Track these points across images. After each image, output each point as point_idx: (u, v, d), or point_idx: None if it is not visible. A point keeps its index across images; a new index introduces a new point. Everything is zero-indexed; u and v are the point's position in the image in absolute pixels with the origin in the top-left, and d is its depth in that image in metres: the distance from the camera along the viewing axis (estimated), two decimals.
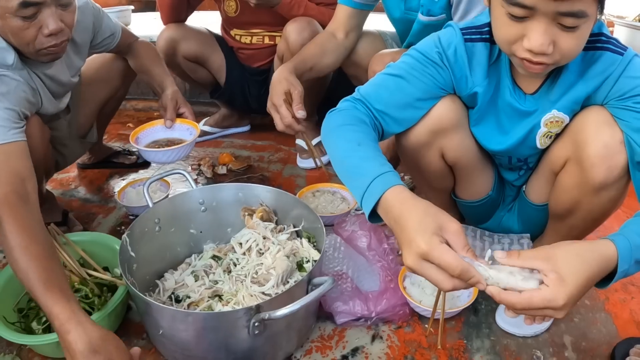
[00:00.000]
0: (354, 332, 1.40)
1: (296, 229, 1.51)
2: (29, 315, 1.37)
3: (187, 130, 1.86)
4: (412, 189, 1.98)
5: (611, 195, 1.22)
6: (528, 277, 0.90)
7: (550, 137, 1.29)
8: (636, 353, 1.26)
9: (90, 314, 1.30)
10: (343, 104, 1.26)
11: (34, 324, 1.34)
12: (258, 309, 1.12)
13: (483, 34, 1.22)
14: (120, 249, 1.32)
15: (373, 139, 1.16)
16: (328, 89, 2.34)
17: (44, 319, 1.33)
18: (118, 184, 2.21)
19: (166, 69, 1.98)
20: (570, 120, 1.24)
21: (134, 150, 2.36)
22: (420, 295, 1.45)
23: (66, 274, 1.32)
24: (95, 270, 1.43)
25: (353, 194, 1.09)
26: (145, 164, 2.36)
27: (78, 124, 1.93)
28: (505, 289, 0.90)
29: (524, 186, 1.48)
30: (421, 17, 1.79)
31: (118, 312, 1.36)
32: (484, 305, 1.48)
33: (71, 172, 2.32)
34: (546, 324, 1.41)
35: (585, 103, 1.20)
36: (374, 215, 1.04)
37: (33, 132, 1.44)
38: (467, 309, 1.44)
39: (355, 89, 1.29)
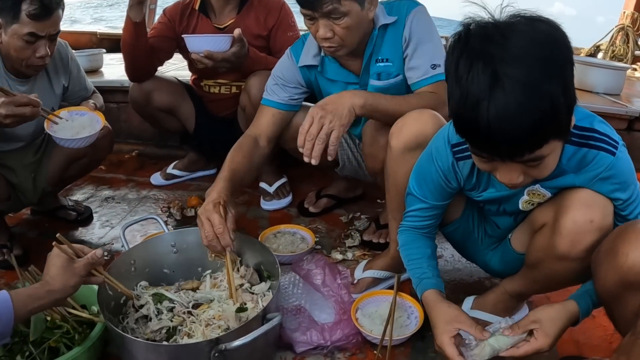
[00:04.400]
0: None
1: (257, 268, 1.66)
2: (14, 349, 1.46)
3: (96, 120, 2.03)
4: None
5: (572, 267, 1.32)
6: (516, 337, 1.25)
7: (532, 204, 1.40)
8: None
9: (70, 348, 1.42)
10: (405, 224, 1.58)
11: (18, 358, 1.43)
12: (217, 341, 1.25)
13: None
14: (99, 289, 1.46)
15: (425, 253, 1.53)
16: None
17: (27, 352, 1.44)
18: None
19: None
20: (554, 194, 1.33)
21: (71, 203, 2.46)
22: (371, 325, 1.61)
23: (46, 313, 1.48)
24: (74, 308, 1.54)
25: None
26: (86, 221, 2.40)
27: (47, 171, 2.14)
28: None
29: (511, 233, 1.58)
30: (374, 83, 1.84)
31: (97, 346, 1.46)
32: (430, 333, 1.60)
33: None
34: None
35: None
36: None
37: None
38: (414, 336, 1.59)
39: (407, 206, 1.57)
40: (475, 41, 1.02)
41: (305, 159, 1.56)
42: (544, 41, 1.00)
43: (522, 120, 0.97)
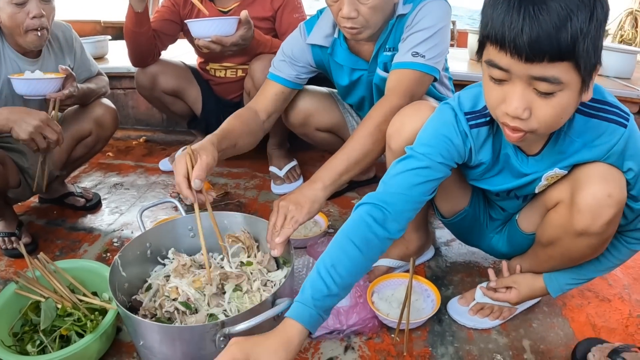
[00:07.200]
0: (328, 344, 1.51)
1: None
2: (24, 338, 1.45)
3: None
4: None
5: (591, 243, 1.28)
6: None
7: (547, 185, 1.36)
8: (600, 350, 1.36)
9: (82, 336, 1.40)
10: (362, 207, 1.28)
11: (29, 347, 1.42)
12: (223, 324, 1.21)
13: (485, 116, 1.28)
14: (112, 269, 1.41)
15: (350, 265, 1.20)
16: None
17: (38, 341, 1.42)
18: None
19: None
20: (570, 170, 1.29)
21: (79, 190, 2.42)
22: (388, 308, 1.57)
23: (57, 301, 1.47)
24: (85, 295, 1.52)
25: None
26: (95, 207, 2.37)
27: (54, 154, 2.08)
28: None
29: (517, 214, 1.56)
30: (380, 73, 1.83)
31: (109, 333, 1.44)
32: (447, 316, 1.61)
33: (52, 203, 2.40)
34: (495, 322, 1.58)
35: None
36: None
37: None
38: (431, 319, 1.57)
39: (380, 183, 1.32)
40: None
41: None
42: None
43: (558, 14, 0.95)
